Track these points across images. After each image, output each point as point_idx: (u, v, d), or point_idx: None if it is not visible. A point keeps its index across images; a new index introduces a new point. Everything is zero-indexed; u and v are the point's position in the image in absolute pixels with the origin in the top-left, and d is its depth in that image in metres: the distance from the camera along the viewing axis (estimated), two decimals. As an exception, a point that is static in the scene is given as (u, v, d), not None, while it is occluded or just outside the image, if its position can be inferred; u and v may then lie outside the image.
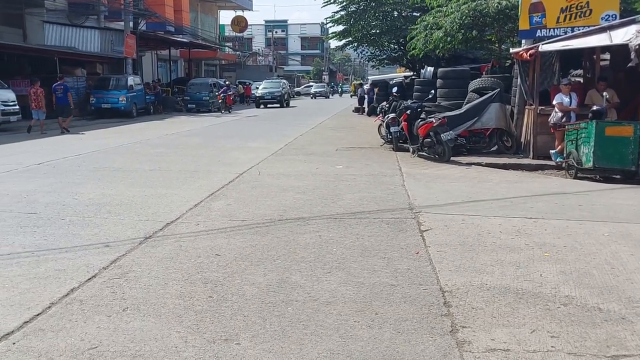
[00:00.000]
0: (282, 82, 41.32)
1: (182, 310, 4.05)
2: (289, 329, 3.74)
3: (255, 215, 6.84)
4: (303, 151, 13.26)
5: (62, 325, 3.78)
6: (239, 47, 61.81)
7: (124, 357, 3.36)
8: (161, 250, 5.47)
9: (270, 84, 39.76)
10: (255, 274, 4.81)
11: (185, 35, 39.23)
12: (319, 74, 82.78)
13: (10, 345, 3.49)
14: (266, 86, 39.41)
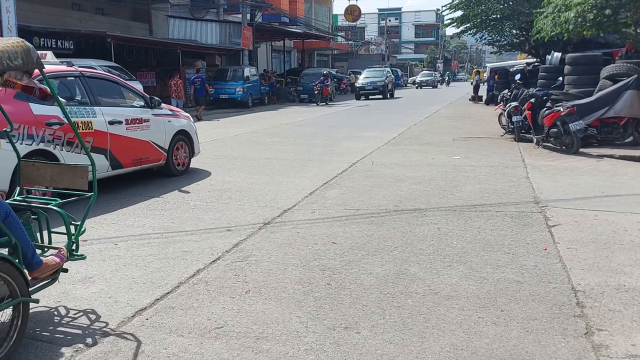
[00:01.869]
0: (386, 70, 36.83)
1: (302, 295, 4.09)
2: (410, 321, 3.65)
3: (370, 205, 6.79)
4: (418, 141, 13.01)
5: (190, 304, 3.96)
6: (352, 37, 61.91)
7: (247, 338, 3.44)
8: (280, 236, 5.57)
9: (372, 73, 35.40)
10: (372, 263, 4.75)
11: (299, 25, 39.95)
12: (433, 62, 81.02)
13: (144, 320, 3.70)
14: (367, 75, 35.19)
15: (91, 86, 7.55)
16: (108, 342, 3.40)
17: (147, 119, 8.22)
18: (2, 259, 3.14)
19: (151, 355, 3.23)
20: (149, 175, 8.68)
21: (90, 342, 3.38)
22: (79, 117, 7.09)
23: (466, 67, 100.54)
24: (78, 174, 4.06)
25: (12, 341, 3.21)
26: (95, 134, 7.25)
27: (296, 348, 3.31)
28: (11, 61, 3.18)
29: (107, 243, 5.36)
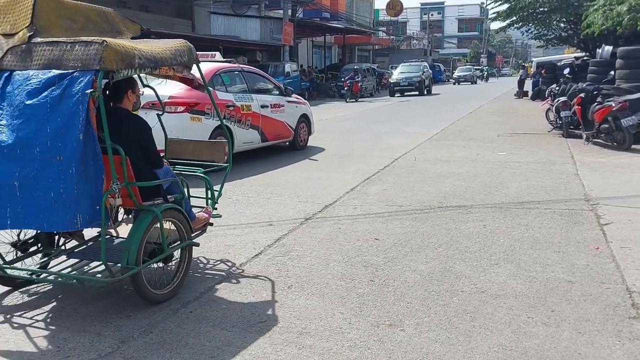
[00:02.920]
0: (423, 65, 34.57)
1: (345, 292, 4.04)
2: (456, 320, 3.56)
3: (413, 201, 6.68)
4: (461, 136, 12.77)
5: (233, 297, 3.96)
6: (393, 32, 61.37)
7: (291, 333, 3.41)
8: (321, 232, 5.54)
9: (408, 68, 33.10)
10: (416, 260, 4.67)
11: (340, 21, 39.80)
12: (476, 57, 79.59)
13: (188, 313, 3.72)
14: (402, 70, 32.94)
15: (248, 78, 9.86)
16: (154, 333, 3.43)
17: (283, 104, 10.42)
18: (176, 209, 4.03)
19: (195, 348, 3.24)
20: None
21: (135, 334, 3.41)
22: (243, 101, 9.31)
23: (511, 62, 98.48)
24: (216, 148, 5.05)
25: (181, 276, 4.09)
26: (252, 115, 9.47)
27: (340, 344, 3.27)
28: (181, 57, 4.14)
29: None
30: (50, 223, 3.43)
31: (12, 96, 3.53)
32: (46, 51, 3.57)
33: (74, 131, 3.35)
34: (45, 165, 3.37)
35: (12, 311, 3.82)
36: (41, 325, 3.60)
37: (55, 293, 4.11)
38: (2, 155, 3.43)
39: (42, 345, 3.32)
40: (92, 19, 4.16)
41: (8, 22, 3.78)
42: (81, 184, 3.36)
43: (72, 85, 3.41)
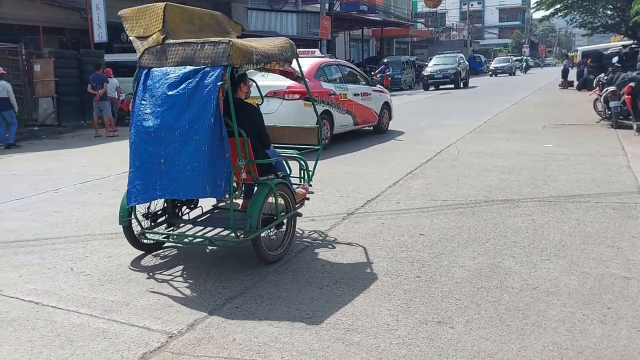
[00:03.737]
0: (459, 56, 32.37)
1: (391, 288, 3.98)
2: (507, 317, 3.46)
3: (458, 196, 6.56)
4: (505, 129, 12.49)
5: (278, 293, 3.95)
6: (432, 23, 60.50)
7: (337, 329, 3.38)
8: (364, 227, 5.48)
9: (443, 60, 31.37)
10: (463, 256, 4.57)
11: (377, 13, 39.43)
12: (518, 47, 77.79)
13: (234, 308, 3.73)
14: (437, 62, 31.30)
15: (342, 70, 11.47)
16: (201, 328, 3.44)
17: (370, 93, 11.91)
18: (284, 184, 4.72)
19: (242, 344, 3.24)
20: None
21: (182, 329, 3.44)
22: (340, 90, 10.82)
23: (554, 51, 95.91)
24: (309, 132, 5.74)
25: (287, 242, 4.74)
26: (347, 102, 10.94)
27: (387, 341, 3.22)
28: (286, 53, 4.86)
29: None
30: (186, 191, 4.17)
31: (153, 89, 4.28)
32: (179, 50, 4.29)
33: (206, 116, 4.06)
34: (184, 144, 4.11)
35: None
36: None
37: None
38: (149, 138, 4.20)
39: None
40: (207, 21, 4.93)
41: (140, 26, 4.50)
42: (211, 160, 4.07)
43: (205, 78, 4.12)
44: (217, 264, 4.57)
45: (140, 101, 4.33)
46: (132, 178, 4.30)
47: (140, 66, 4.41)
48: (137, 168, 4.29)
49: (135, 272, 4.43)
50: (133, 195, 4.29)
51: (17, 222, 5.91)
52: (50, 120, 15.74)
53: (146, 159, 4.23)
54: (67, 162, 9.96)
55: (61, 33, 20.63)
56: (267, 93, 8.75)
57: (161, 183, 4.19)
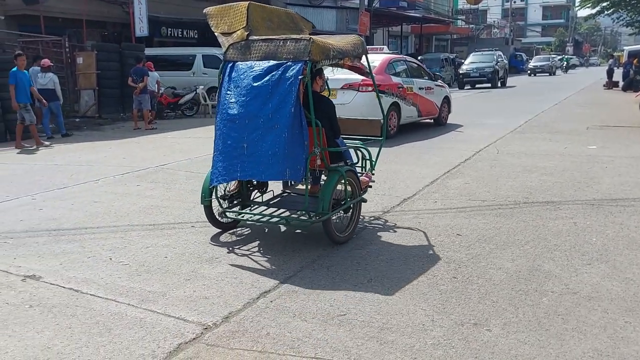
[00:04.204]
0: (497, 54, 30.99)
1: (426, 288, 3.93)
2: (546, 321, 3.38)
3: (497, 196, 6.44)
4: (547, 129, 12.20)
5: (312, 289, 3.94)
6: (473, 20, 59.54)
7: (371, 327, 3.35)
8: (400, 225, 5.43)
9: (479, 57, 30.21)
10: (501, 258, 4.48)
11: (417, 10, 39.06)
12: (561, 46, 75.99)
13: (268, 302, 3.74)
14: (473, 60, 30.19)
15: (409, 66, 12.39)
16: (235, 321, 3.46)
17: (432, 87, 12.68)
18: (352, 171, 5.08)
19: (276, 338, 3.24)
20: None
21: (217, 321, 3.46)
22: (407, 84, 11.65)
23: (599, 51, 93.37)
24: (373, 124, 6.09)
25: (353, 225, 5.08)
26: (413, 95, 11.77)
27: (422, 342, 3.18)
28: (357, 50, 5.18)
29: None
30: (266, 174, 4.61)
31: (238, 80, 4.69)
32: (263, 46, 4.69)
33: (287, 106, 4.44)
34: (266, 132, 4.51)
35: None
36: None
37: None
38: (234, 125, 4.62)
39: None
40: (283, 19, 5.40)
41: (225, 24, 5.00)
42: (290, 146, 4.46)
43: (287, 72, 4.50)
44: (250, 259, 4.59)
45: (225, 91, 4.75)
46: (216, 161, 4.76)
47: (225, 60, 4.85)
48: (220, 152, 4.74)
49: (172, 263, 4.48)
50: (215, 176, 4.75)
51: (59, 211, 6.06)
52: (91, 112, 16.08)
53: (230, 143, 4.66)
54: (107, 153, 10.17)
55: (103, 27, 21.06)
56: (342, 85, 10.20)
57: (242, 166, 4.60)
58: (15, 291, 3.92)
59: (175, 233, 5.27)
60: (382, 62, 11.32)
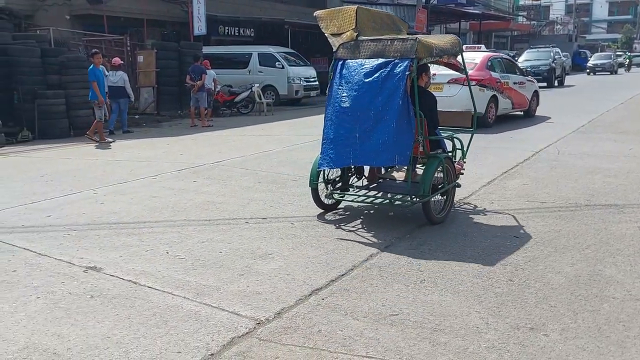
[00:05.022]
0: (554, 51, 29.06)
1: (481, 290, 3.85)
2: (606, 328, 3.25)
3: (557, 198, 6.24)
4: (612, 129, 11.73)
5: (364, 288, 3.93)
6: (534, 16, 57.86)
7: (424, 329, 3.31)
8: (455, 226, 5.34)
9: (535, 55, 28.69)
10: (560, 261, 4.34)
11: (476, 6, 38.27)
12: (628, 42, 72.78)
13: (320, 300, 3.75)
14: (528, 57, 28.57)
15: (504, 62, 13.57)
16: (287, 317, 3.49)
17: (524, 82, 13.82)
18: (449, 158, 5.62)
19: (328, 336, 3.25)
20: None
21: (270, 317, 3.50)
22: (504, 79, 12.75)
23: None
24: (464, 116, 6.63)
25: (448, 208, 5.56)
26: (508, 89, 12.90)
27: (476, 344, 3.11)
28: (455, 48, 5.67)
29: (284, 222, 5.56)
30: (377, 161, 5.27)
31: (349, 76, 5.22)
32: (371, 45, 5.23)
33: (395, 99, 4.94)
34: (377, 122, 5.02)
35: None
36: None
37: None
38: (346, 117, 5.15)
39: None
40: (385, 21, 5.97)
41: (334, 25, 5.56)
42: (399, 135, 4.96)
43: (395, 68, 5.00)
44: (302, 255, 4.61)
45: (337, 87, 5.28)
46: (326, 148, 5.29)
47: (336, 58, 5.40)
48: (331, 140, 5.26)
49: (226, 258, 4.56)
50: (326, 161, 5.30)
51: (119, 205, 6.27)
52: (150, 109, 16.55)
53: (342, 133, 5.17)
54: (165, 149, 10.44)
55: (163, 25, 21.63)
56: (449, 80, 11.32)
57: (355, 153, 5.14)
58: (78, 282, 4.08)
59: (230, 229, 5.35)
60: (482, 59, 12.61)
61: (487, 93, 12.07)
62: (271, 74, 19.82)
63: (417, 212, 5.57)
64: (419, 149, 5.25)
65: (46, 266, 4.39)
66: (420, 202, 5.20)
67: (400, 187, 5.71)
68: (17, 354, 3.07)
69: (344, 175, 5.89)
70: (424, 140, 5.25)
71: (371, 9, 5.93)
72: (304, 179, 7.44)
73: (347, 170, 5.84)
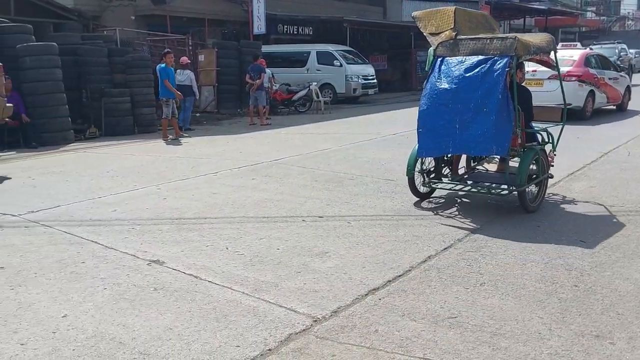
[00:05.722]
0: (619, 47, 28.80)
1: (544, 295, 3.74)
2: (679, 340, 3.09)
3: (626, 202, 5.99)
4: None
5: (422, 289, 3.88)
6: (604, 12, 55.55)
7: (483, 332, 3.25)
8: (517, 228, 5.21)
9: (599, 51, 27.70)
10: (629, 268, 4.16)
11: (542, 2, 37.07)
12: None
13: (377, 300, 3.73)
14: None
15: (598, 59, 14.11)
16: (344, 316, 3.49)
17: (617, 77, 14.44)
18: (543, 150, 5.89)
19: (385, 336, 3.23)
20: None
21: (327, 315, 3.51)
22: (600, 75, 13.44)
23: None
24: (554, 111, 7.00)
25: (541, 198, 5.85)
26: (604, 84, 13.52)
27: (538, 350, 3.03)
28: (550, 46, 6.04)
29: (341, 221, 5.56)
30: (476, 150, 5.65)
31: (448, 72, 5.59)
32: (471, 44, 5.60)
33: (495, 93, 5.27)
34: (476, 114, 5.36)
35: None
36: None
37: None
38: (447, 109, 5.49)
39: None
40: (480, 20, 6.39)
41: (432, 25, 5.99)
42: (497, 127, 5.27)
43: (494, 65, 5.35)
44: (358, 254, 4.60)
45: (436, 81, 5.64)
46: (424, 138, 5.68)
47: (436, 55, 5.80)
48: (429, 130, 5.63)
49: (284, 255, 4.60)
50: (424, 150, 5.73)
51: (181, 201, 6.43)
52: (210, 107, 16.89)
53: (442, 124, 5.52)
54: (225, 147, 10.65)
55: (223, 25, 22.06)
56: (549, 76, 11.49)
57: (454, 142, 5.50)
58: (142, 274, 4.22)
59: (287, 226, 5.40)
60: (580, 56, 13.35)
61: (586, 88, 12.76)
62: (329, 72, 19.88)
63: (476, 213, 5.46)
64: (517, 140, 5.54)
65: (112, 259, 4.56)
66: (516, 191, 5.48)
67: (494, 177, 6.13)
68: (86, 341, 3.21)
69: (437, 166, 6.23)
70: (522, 133, 5.55)
71: (467, 10, 6.38)
72: (361, 178, 7.44)
73: (440, 161, 6.20)
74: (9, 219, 5.73)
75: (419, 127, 5.71)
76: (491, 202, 6.19)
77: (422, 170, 6.06)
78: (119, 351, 3.10)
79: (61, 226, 5.44)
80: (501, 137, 5.28)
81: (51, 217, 5.79)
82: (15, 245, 4.92)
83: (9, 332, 3.33)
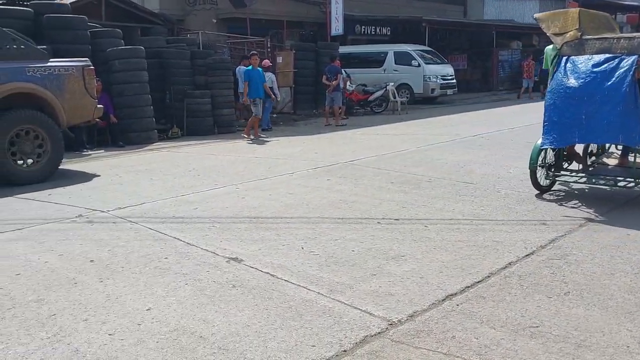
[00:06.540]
0: None
1: (633, 307, 3.54)
2: None
3: None
4: None
5: (502, 296, 3.77)
6: None
7: (567, 343, 3.11)
8: (605, 236, 4.95)
9: None
10: None
11: (634, -2, 35.06)
12: None
13: (454, 306, 3.66)
14: None
15: None
16: (420, 321, 3.45)
17: None
18: None
19: (462, 342, 3.16)
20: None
21: (402, 319, 3.48)
22: None
23: None
24: None
25: None
26: None
27: (628, 367, 2.87)
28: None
29: (417, 224, 5.49)
30: (602, 138, 6.10)
31: (574, 69, 5.93)
32: (597, 43, 5.94)
33: (622, 87, 5.57)
34: (602, 105, 5.66)
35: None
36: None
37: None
38: (573, 101, 5.82)
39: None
40: (602, 21, 6.74)
41: (556, 26, 6.31)
42: (624, 117, 5.57)
43: (622, 62, 5.67)
44: (435, 259, 4.53)
45: (562, 77, 5.97)
46: (549, 130, 6.01)
47: (560, 54, 6.14)
48: (555, 123, 5.97)
49: (358, 256, 4.60)
50: (548, 141, 6.03)
51: (259, 201, 6.57)
52: (287, 108, 17.17)
53: (568, 116, 5.86)
54: (301, 148, 10.78)
55: (301, 26, 22.35)
56: None
57: (580, 132, 5.84)
58: (221, 271, 4.34)
59: (362, 228, 5.40)
60: None
61: None
62: (407, 72, 19.71)
63: (550, 216, 5.24)
64: None
65: (193, 255, 4.72)
66: None
67: (616, 171, 6.36)
68: (169, 334, 3.34)
69: (557, 161, 6.50)
70: None
71: (590, 11, 6.73)
72: (439, 180, 7.32)
73: (561, 155, 6.50)
74: (98, 215, 6.06)
75: (545, 120, 6.02)
76: (575, 206, 5.92)
77: (543, 164, 6.34)
78: (199, 345, 3.20)
79: (146, 222, 5.70)
80: (629, 128, 5.53)
81: (137, 213, 6.07)
82: (104, 240, 5.19)
83: (98, 322, 3.52)
